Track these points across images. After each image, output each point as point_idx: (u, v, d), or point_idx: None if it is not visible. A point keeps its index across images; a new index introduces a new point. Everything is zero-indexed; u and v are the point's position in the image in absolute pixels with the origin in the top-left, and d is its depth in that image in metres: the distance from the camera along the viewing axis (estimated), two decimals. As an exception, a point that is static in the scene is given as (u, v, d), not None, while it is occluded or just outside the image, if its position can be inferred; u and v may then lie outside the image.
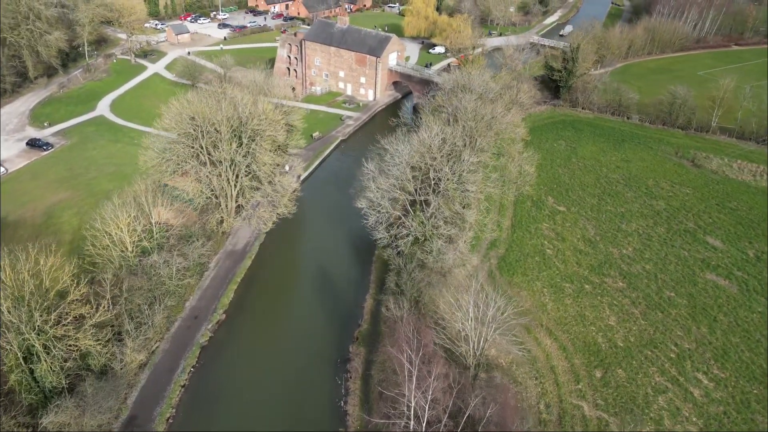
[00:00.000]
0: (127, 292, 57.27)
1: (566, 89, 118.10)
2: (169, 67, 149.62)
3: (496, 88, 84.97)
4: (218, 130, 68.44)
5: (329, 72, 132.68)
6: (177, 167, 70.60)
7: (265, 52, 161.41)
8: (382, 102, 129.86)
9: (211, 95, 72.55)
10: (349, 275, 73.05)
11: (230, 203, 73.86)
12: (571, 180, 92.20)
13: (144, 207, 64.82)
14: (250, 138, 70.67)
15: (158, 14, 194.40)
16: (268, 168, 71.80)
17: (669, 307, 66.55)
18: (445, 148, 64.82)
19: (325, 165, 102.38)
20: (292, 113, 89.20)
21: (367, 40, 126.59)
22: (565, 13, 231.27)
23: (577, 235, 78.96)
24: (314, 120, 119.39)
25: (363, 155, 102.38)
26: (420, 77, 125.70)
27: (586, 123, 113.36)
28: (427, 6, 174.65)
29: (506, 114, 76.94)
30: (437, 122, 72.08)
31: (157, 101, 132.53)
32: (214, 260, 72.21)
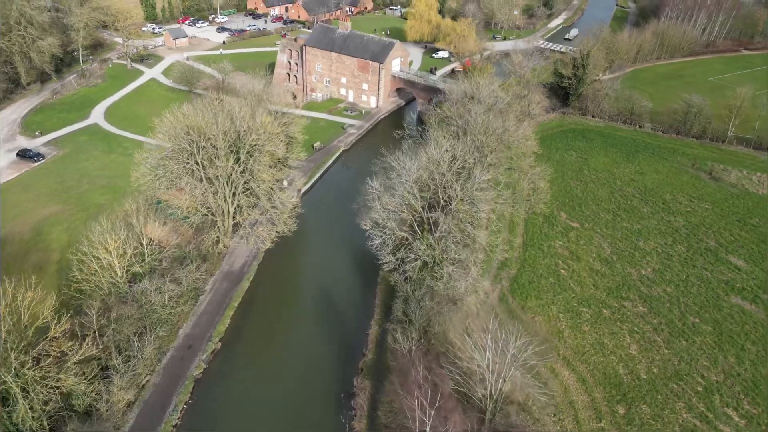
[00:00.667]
0: (115, 322, 53.29)
1: (576, 97, 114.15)
2: (166, 72, 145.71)
3: (506, 98, 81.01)
4: (215, 146, 64.48)
5: (331, 78, 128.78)
6: (171, 184, 66.62)
7: (264, 57, 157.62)
8: (385, 109, 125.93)
9: (207, 107, 68.51)
10: (352, 298, 69.07)
11: (227, 222, 69.90)
12: (584, 194, 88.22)
13: (135, 228, 60.85)
14: (247, 153, 66.72)
15: (155, 18, 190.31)
16: (267, 185, 67.83)
17: (693, 335, 62.57)
18: (455, 165, 60.90)
19: (327, 177, 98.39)
20: (293, 124, 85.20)
21: (369, 46, 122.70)
22: (569, 15, 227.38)
23: (593, 253, 74.98)
24: (315, 128, 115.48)
25: (366, 167, 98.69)
26: (424, 84, 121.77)
27: (596, 132, 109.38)
28: (430, 9, 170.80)
29: (518, 127, 73.05)
30: (446, 136, 68.13)
31: (152, 108, 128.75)
32: (210, 282, 68.24)
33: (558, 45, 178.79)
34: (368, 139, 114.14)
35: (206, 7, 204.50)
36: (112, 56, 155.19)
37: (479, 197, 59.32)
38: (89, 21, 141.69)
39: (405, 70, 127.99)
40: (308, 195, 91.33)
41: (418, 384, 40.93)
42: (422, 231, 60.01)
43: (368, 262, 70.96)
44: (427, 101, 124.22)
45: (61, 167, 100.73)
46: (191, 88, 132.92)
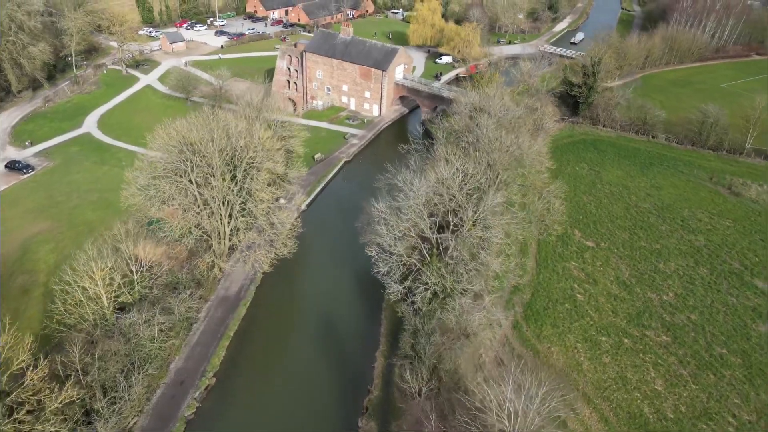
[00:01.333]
0: (100, 360, 49.14)
1: (586, 106, 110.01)
2: (162, 78, 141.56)
3: (519, 111, 76.88)
4: (210, 164, 60.31)
5: (332, 86, 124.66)
6: (163, 205, 62.39)
7: (264, 62, 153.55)
8: (388, 118, 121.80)
9: (202, 122, 64.32)
10: (356, 326, 64.86)
11: (223, 244, 65.70)
12: (598, 210, 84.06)
13: (124, 254, 56.67)
14: (244, 172, 62.54)
15: (153, 21, 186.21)
16: (265, 205, 63.68)
17: (722, 368, 58.42)
18: (467, 186, 56.78)
19: (328, 191, 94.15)
20: (293, 137, 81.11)
21: (372, 53, 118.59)
22: (574, 19, 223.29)
23: (610, 276, 70.82)
24: (316, 138, 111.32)
25: (369, 179, 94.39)
26: (429, 92, 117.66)
27: (608, 143, 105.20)
28: (434, 13, 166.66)
29: (532, 143, 68.93)
30: (455, 152, 63.96)
31: (147, 117, 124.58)
32: (205, 308, 64.04)
33: (564, 49, 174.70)
34: (371, 149, 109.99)
35: (205, 10, 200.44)
36: (107, 61, 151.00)
37: (493, 222, 55.20)
38: (83, 26, 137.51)
39: (409, 77, 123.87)
40: (309, 210, 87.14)
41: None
42: (431, 257, 55.89)
43: (372, 285, 66.73)
44: (431, 109, 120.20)
45: (51, 180, 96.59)
46: (188, 95, 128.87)
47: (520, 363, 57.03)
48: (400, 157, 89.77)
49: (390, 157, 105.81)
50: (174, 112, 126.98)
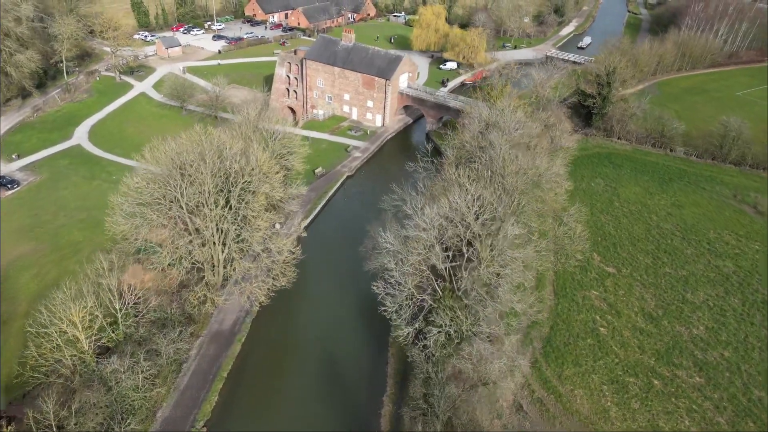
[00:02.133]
0: (77, 414, 44.00)
1: (600, 117, 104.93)
2: (157, 85, 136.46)
3: (534, 127, 71.75)
4: (201, 190, 55.17)
5: (333, 94, 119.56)
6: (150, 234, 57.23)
7: (262, 68, 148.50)
8: (391, 128, 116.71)
9: (194, 142, 59.18)
10: (360, 366, 59.61)
11: (217, 275, 60.54)
12: (617, 231, 78.96)
13: (106, 290, 51.54)
14: (239, 197, 57.40)
15: (148, 25, 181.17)
16: (262, 233, 58.53)
17: (762, 413, 53.32)
18: (483, 215, 51.70)
19: (329, 210, 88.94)
20: (293, 153, 76.00)
21: (375, 60, 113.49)
22: (580, 22, 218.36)
23: (635, 307, 65.69)
24: (316, 150, 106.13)
25: (372, 196, 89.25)
26: (434, 102, 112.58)
27: (624, 157, 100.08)
28: (438, 18, 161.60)
29: (550, 164, 63.83)
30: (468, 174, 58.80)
31: (141, 127, 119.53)
32: (196, 345, 58.88)
33: (571, 54, 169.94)
34: (374, 162, 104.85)
35: (202, 14, 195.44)
36: (100, 68, 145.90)
37: (512, 257, 50.15)
38: (74, 32, 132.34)
39: (413, 86, 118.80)
40: (309, 231, 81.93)
41: None
42: (444, 294, 50.83)
43: (377, 318, 61.21)
44: (436, 120, 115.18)
45: (37, 197, 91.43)
46: (183, 104, 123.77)
47: (541, 409, 52.07)
48: (405, 174, 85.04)
49: (394, 172, 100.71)
50: (168, 122, 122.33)
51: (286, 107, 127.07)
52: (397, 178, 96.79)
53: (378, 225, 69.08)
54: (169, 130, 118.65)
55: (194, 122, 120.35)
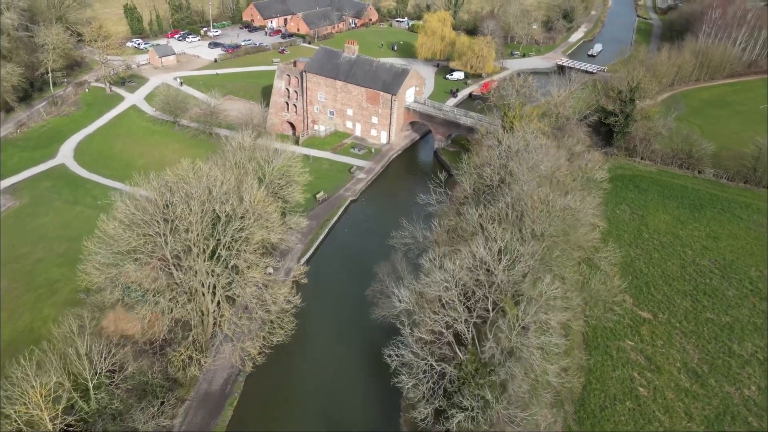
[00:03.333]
0: None
1: (621, 135, 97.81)
2: (149, 97, 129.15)
3: (561, 158, 64.54)
4: (187, 239, 47.96)
5: (335, 109, 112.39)
6: (128, 293, 50.03)
7: (260, 78, 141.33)
8: (397, 146, 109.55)
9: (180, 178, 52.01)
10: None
11: (205, 333, 53.30)
12: (649, 268, 71.80)
13: (75, 359, 44.37)
14: (229, 246, 50.21)
15: (142, 32, 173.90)
16: (255, 289, 51.34)
17: (834, 499, 46.23)
18: (514, 270, 44.61)
19: (332, 241, 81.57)
20: (292, 185, 68.86)
21: (380, 74, 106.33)
22: (590, 28, 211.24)
23: (676, 361, 58.52)
24: (318, 171, 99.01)
25: (379, 226, 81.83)
26: (444, 118, 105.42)
27: (649, 179, 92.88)
28: (444, 25, 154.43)
29: (585, 202, 56.57)
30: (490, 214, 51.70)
31: (131, 144, 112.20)
32: (182, 412, 51.66)
33: (582, 63, 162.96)
34: (380, 184, 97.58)
35: (198, 19, 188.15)
36: (90, 78, 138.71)
37: (550, 321, 43.11)
38: (61, 42, 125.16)
39: (420, 100, 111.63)
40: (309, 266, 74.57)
41: None
42: (468, 364, 43.64)
43: (386, 374, 54.27)
44: (445, 137, 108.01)
45: (15, 225, 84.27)
46: (175, 118, 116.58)
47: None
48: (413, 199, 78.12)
49: (402, 197, 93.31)
50: (160, 138, 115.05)
51: (285, 122, 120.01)
52: (404, 204, 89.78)
53: (387, 265, 62.10)
54: (161, 147, 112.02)
55: (187, 139, 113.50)
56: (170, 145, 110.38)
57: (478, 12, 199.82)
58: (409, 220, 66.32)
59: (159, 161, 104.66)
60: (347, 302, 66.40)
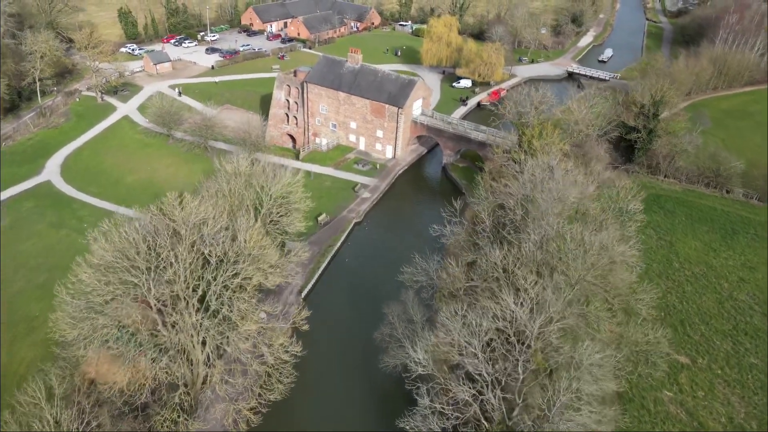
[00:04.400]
0: None
1: (643, 152, 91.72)
2: (143, 108, 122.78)
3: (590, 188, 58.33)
4: (173, 290, 41.87)
5: (337, 122, 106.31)
6: (105, 347, 43.89)
7: (260, 85, 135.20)
8: (403, 160, 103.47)
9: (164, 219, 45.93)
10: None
11: (193, 391, 47.15)
12: (683, 304, 65.69)
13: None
14: (220, 293, 44.11)
15: (137, 37, 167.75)
16: (250, 344, 45.29)
17: None
18: (549, 328, 38.55)
19: (335, 270, 75.30)
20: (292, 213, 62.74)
21: (385, 85, 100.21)
22: (599, 32, 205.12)
23: (721, 416, 52.41)
24: (319, 189, 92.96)
25: (386, 254, 75.65)
26: (453, 132, 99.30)
27: (675, 200, 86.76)
28: (450, 30, 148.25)
29: (621, 242, 50.41)
30: (518, 258, 45.65)
31: (122, 158, 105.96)
32: (167, 481, 45.50)
33: (593, 69, 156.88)
34: (386, 204, 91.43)
35: (195, 23, 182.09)
36: (81, 87, 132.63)
37: (590, 392, 37.11)
38: (49, 49, 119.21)
39: (428, 113, 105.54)
40: (309, 300, 68.52)
41: None
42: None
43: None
44: (454, 152, 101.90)
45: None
46: (169, 131, 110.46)
47: None
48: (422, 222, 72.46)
49: (410, 219, 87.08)
50: (153, 152, 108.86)
51: (285, 134, 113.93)
52: (413, 227, 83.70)
53: (397, 306, 56.11)
54: (153, 161, 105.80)
55: (181, 153, 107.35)
56: (163, 160, 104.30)
57: (484, 16, 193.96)
58: (421, 254, 60.36)
59: (150, 178, 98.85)
60: (353, 347, 60.16)
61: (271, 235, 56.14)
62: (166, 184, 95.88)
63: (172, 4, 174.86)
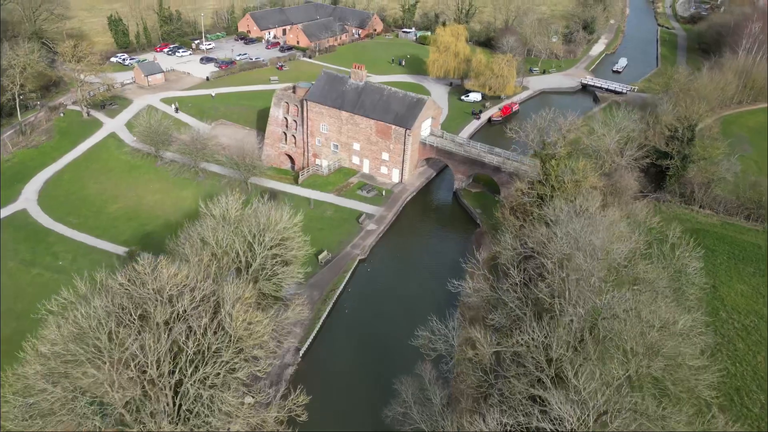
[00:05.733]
0: None
1: (676, 179, 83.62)
2: (131, 124, 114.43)
3: (637, 240, 50.11)
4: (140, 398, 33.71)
5: (340, 143, 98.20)
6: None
7: (257, 99, 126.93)
8: (411, 185, 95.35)
9: (131, 293, 37.74)
10: None
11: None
12: (736, 366, 57.42)
13: None
14: (198, 395, 35.88)
15: (128, 45, 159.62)
16: None
17: None
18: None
19: (337, 319, 67.12)
20: (291, 262, 54.66)
21: (391, 104, 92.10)
22: (610, 39, 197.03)
23: None
24: (320, 219, 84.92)
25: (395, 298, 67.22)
26: (465, 155, 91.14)
27: (713, 234, 78.55)
28: (458, 40, 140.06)
29: (683, 312, 42.33)
30: (556, 339, 37.48)
31: (105, 183, 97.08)
32: None
33: (609, 81, 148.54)
34: (394, 238, 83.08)
35: (191, 31, 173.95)
36: (67, 100, 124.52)
37: None
38: (29, 63, 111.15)
39: (437, 133, 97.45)
40: (308, 361, 60.30)
41: None
42: None
43: None
44: (466, 176, 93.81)
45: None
46: (157, 151, 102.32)
47: None
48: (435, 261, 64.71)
49: (421, 257, 78.60)
50: (140, 175, 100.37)
51: (283, 154, 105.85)
52: (426, 267, 75.51)
53: (411, 383, 47.94)
54: (140, 187, 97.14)
55: (171, 176, 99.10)
56: (151, 185, 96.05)
57: (491, 22, 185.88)
58: (434, 305, 52.41)
59: (136, 206, 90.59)
60: (360, 424, 51.84)
61: (266, 296, 47.99)
62: (152, 213, 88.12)
63: (166, 11, 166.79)
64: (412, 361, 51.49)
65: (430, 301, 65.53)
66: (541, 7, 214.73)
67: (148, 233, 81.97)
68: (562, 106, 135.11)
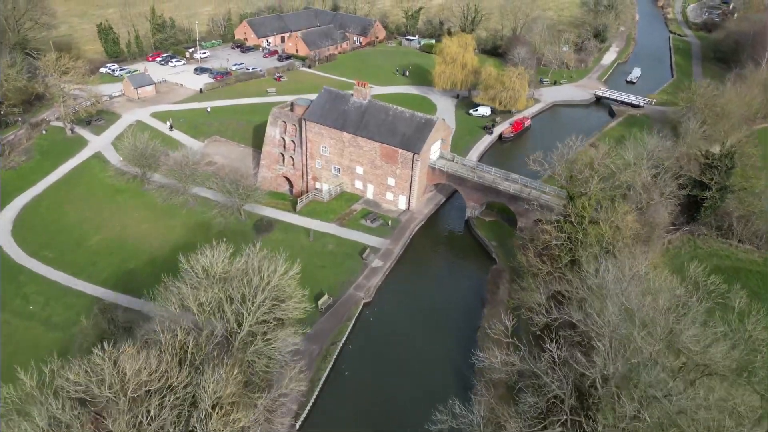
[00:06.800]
0: None
1: (712, 210, 76.01)
2: (118, 142, 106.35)
3: (691, 304, 42.46)
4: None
5: (341, 166, 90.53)
6: None
7: (253, 113, 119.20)
8: (419, 213, 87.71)
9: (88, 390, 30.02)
10: None
11: None
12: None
13: None
14: None
15: (119, 55, 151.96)
16: None
17: None
18: None
19: (338, 380, 59.30)
20: (285, 326, 47.03)
21: (398, 125, 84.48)
22: (622, 47, 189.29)
23: None
24: (320, 255, 77.17)
25: (405, 356, 58.61)
26: (478, 182, 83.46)
27: (757, 274, 70.82)
28: (465, 50, 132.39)
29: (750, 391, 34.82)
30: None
31: (86, 212, 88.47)
32: None
33: (624, 93, 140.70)
34: (401, 276, 75.17)
35: (185, 39, 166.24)
36: (50, 116, 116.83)
37: None
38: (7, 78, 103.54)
39: (447, 156, 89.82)
40: (308, 424, 52.65)
41: None
42: None
43: None
44: (479, 204, 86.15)
45: None
46: (144, 174, 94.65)
47: None
48: (448, 306, 57.07)
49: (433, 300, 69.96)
50: (125, 201, 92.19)
51: (280, 176, 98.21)
52: (436, 309, 67.85)
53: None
54: (124, 215, 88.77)
55: (158, 203, 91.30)
56: (137, 213, 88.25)
57: (498, 30, 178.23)
58: (455, 380, 44.60)
59: (120, 237, 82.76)
60: None
61: (255, 372, 40.33)
62: (137, 247, 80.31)
63: (159, 19, 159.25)
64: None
65: (443, 360, 57.85)
66: (547, 12, 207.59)
67: (129, 271, 74.22)
68: (576, 120, 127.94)
